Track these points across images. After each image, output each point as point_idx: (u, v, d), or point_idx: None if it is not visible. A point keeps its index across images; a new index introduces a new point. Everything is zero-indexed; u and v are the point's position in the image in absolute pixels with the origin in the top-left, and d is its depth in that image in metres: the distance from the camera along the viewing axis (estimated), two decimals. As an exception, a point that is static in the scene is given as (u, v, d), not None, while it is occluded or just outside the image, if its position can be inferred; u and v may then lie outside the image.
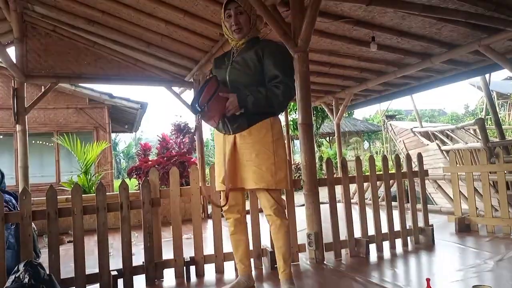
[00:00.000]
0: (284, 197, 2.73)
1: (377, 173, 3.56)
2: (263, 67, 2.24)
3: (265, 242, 3.16)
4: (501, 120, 10.35)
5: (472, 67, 5.52)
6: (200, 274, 2.93)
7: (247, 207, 2.65)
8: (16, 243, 2.76)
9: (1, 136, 9.91)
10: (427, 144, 8.85)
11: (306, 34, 3.16)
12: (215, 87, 2.15)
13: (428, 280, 1.92)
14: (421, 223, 3.68)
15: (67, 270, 2.65)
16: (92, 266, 2.90)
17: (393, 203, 3.65)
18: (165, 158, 8.83)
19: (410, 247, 3.50)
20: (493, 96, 10.28)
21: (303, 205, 3.41)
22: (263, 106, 2.19)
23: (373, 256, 3.26)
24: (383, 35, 4.50)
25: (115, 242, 3.98)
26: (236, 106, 2.16)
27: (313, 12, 3.09)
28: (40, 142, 10.32)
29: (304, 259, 3.20)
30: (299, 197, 4.59)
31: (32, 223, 2.57)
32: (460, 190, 4.33)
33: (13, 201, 3.03)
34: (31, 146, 6.31)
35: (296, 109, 6.03)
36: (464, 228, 4.11)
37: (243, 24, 2.27)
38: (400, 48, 4.97)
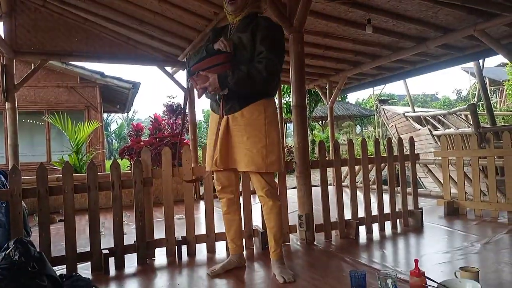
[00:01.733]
0: (276, 179, 2.74)
1: (368, 156, 3.59)
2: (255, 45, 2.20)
3: (257, 223, 3.19)
4: (492, 107, 10.42)
5: (466, 52, 5.51)
6: (191, 253, 2.95)
7: (240, 188, 2.65)
8: (6, 221, 2.74)
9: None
10: (419, 129, 8.92)
11: (301, 14, 3.11)
12: (213, 64, 2.13)
13: (416, 261, 1.95)
14: (410, 206, 3.73)
15: (58, 248, 2.66)
16: (83, 245, 2.91)
17: (384, 187, 3.69)
18: (157, 139, 8.80)
19: (399, 230, 3.56)
20: (485, 83, 10.32)
21: (295, 187, 3.43)
22: (247, 84, 2.13)
23: (362, 238, 3.31)
24: (379, 17, 4.46)
25: (106, 222, 3.98)
26: (216, 86, 2.12)
27: (309, -8, 3.04)
28: (30, 121, 10.19)
29: (295, 240, 3.23)
30: (292, 180, 4.62)
31: (22, 202, 2.55)
32: (450, 175, 4.38)
33: (2, 178, 3.00)
34: (21, 124, 6.23)
35: (289, 91, 6.01)
36: (453, 211, 4.18)
37: None
38: (395, 32, 4.93)
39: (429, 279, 1.93)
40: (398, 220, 3.65)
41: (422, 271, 1.93)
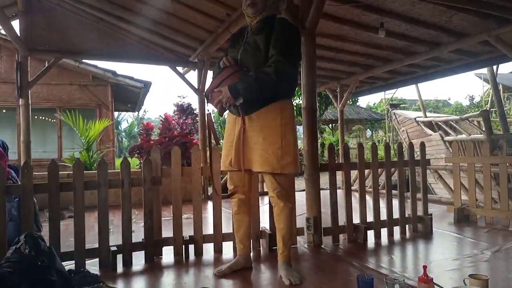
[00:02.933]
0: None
1: (378, 160, 3.56)
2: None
3: (265, 224, 3.19)
4: (506, 113, 10.28)
5: (480, 58, 5.45)
6: (198, 252, 2.96)
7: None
8: (18, 216, 2.78)
9: (4, 111, 9.90)
10: (430, 134, 8.84)
11: (314, 16, 3.11)
12: (222, 79, 2.16)
13: (424, 267, 1.93)
14: (420, 212, 3.69)
15: (67, 244, 2.67)
16: (92, 242, 2.93)
17: (393, 192, 3.65)
18: (166, 138, 8.84)
19: (408, 235, 3.52)
20: (499, 89, 10.19)
21: (303, 190, 3.42)
22: (257, 88, 2.12)
23: (370, 243, 3.29)
24: (392, 21, 4.43)
25: (115, 219, 4.01)
26: (228, 96, 2.12)
27: (322, -6, 3.04)
28: (43, 118, 10.32)
29: (302, 243, 3.22)
30: (300, 182, 4.60)
31: (33, 198, 2.58)
32: (460, 181, 4.33)
33: (13, 174, 3.05)
34: (33, 121, 6.31)
35: (300, 94, 5.98)
36: (463, 218, 4.12)
37: (257, 0, 2.23)
38: (408, 36, 4.90)
39: (438, 285, 1.91)
40: (407, 226, 3.61)
41: (431, 278, 1.91)
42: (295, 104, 13.33)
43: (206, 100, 2.28)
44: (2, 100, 9.46)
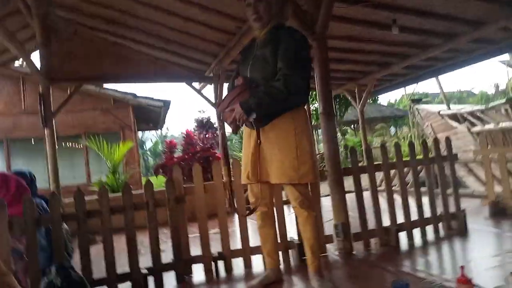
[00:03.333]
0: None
1: (404, 159, 3.46)
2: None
3: (292, 234, 3.14)
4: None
5: (500, 45, 5.27)
6: (228, 268, 2.94)
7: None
8: (48, 245, 2.84)
9: (33, 141, 10.24)
10: (456, 127, 8.59)
11: (323, 20, 3.08)
12: (232, 97, 2.17)
13: (462, 268, 1.85)
14: (452, 209, 3.56)
15: (100, 269, 2.70)
16: (124, 265, 2.96)
17: (422, 189, 3.53)
18: (190, 154, 8.93)
19: (442, 234, 3.40)
20: (525, 73, 9.81)
21: (328, 195, 3.36)
22: (269, 104, 2.12)
23: (403, 245, 3.19)
24: (404, 16, 4.34)
25: (145, 239, 4.04)
26: (241, 113, 2.11)
27: (329, -2, 3.02)
28: (70, 145, 10.62)
29: (333, 250, 3.15)
30: (325, 187, 4.53)
31: (65, 224, 2.64)
32: (492, 173, 4.16)
33: (44, 204, 3.11)
34: (61, 149, 6.50)
35: (315, 97, 5.96)
36: (499, 212, 3.95)
37: (262, 13, 2.23)
38: (423, 29, 4.78)
39: (478, 286, 1.82)
40: (440, 224, 3.48)
41: (470, 278, 1.82)
42: (313, 108, 13.29)
43: (219, 119, 2.30)
44: (30, 131, 9.79)
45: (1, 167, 9.84)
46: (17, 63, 9.02)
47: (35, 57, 5.64)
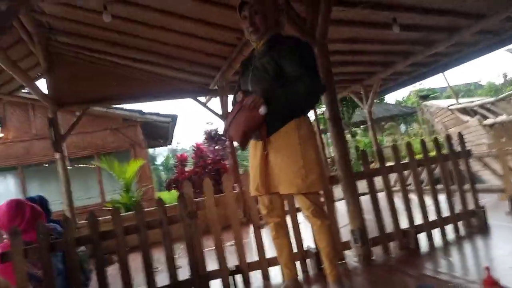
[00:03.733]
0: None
1: (417, 156, 3.40)
2: (284, 69, 2.17)
3: (308, 243, 3.09)
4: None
5: (505, 35, 5.19)
6: (247, 282, 2.89)
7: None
8: (64, 269, 2.83)
9: (46, 165, 10.34)
10: (467, 121, 8.46)
11: (322, 26, 3.07)
12: (234, 114, 2.18)
13: (487, 268, 1.78)
14: (471, 206, 3.47)
15: (118, 289, 2.69)
16: (142, 284, 2.94)
17: (438, 187, 3.45)
18: (200, 167, 8.94)
19: (462, 233, 3.31)
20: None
21: (342, 199, 3.30)
22: (287, 99, 2.10)
23: (423, 247, 3.10)
24: (404, 15, 4.30)
25: (162, 256, 4.02)
26: (257, 99, 2.10)
27: (327, 3, 3.00)
28: (82, 166, 10.71)
29: (351, 257, 3.09)
30: (339, 191, 4.47)
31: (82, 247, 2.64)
32: (509, 166, 4.06)
33: (58, 228, 3.12)
34: (74, 170, 6.53)
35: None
36: (519, 206, 3.84)
37: (259, 24, 2.22)
38: (424, 26, 4.74)
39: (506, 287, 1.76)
40: (459, 223, 3.39)
41: (497, 279, 1.76)
42: (320, 113, 13.22)
43: (225, 138, 2.30)
44: (43, 155, 9.89)
45: (17, 193, 9.95)
46: (25, 90, 9.17)
47: (42, 83, 5.73)
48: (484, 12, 4.37)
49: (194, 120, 76.94)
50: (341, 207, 3.31)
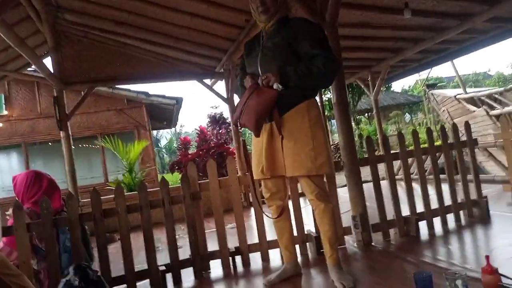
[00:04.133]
0: (324, 178, 2.65)
1: (421, 145, 3.38)
2: (298, 50, 2.16)
3: (309, 227, 3.10)
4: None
5: (518, 23, 5.08)
6: (246, 263, 2.93)
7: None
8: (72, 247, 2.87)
9: (50, 143, 10.41)
10: (474, 111, 8.38)
11: (333, 8, 3.02)
12: (245, 99, 2.18)
13: (487, 257, 1.78)
14: (473, 195, 3.46)
15: (119, 267, 2.73)
16: (143, 262, 2.98)
17: (442, 176, 3.44)
18: (204, 150, 8.96)
19: (463, 222, 3.31)
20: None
21: (344, 185, 3.30)
22: (306, 76, 2.09)
23: (424, 234, 3.10)
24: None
25: (163, 236, 4.06)
26: (271, 76, 2.11)
27: (338, -15, 2.94)
28: (86, 146, 10.76)
29: (351, 242, 3.11)
30: (341, 177, 4.47)
31: (85, 226, 2.67)
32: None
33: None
34: (78, 150, 6.57)
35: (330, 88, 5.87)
36: (523, 197, 3.84)
37: (269, 4, 2.20)
38: (436, 12, 4.64)
39: (505, 276, 1.76)
40: (461, 212, 3.39)
41: (495, 268, 1.76)
42: (326, 99, 13.16)
43: (236, 127, 2.29)
44: (47, 134, 9.96)
45: (21, 171, 10.02)
46: (31, 68, 9.16)
47: (48, 61, 5.71)
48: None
49: (198, 104, 76.92)
50: (342, 194, 3.32)
